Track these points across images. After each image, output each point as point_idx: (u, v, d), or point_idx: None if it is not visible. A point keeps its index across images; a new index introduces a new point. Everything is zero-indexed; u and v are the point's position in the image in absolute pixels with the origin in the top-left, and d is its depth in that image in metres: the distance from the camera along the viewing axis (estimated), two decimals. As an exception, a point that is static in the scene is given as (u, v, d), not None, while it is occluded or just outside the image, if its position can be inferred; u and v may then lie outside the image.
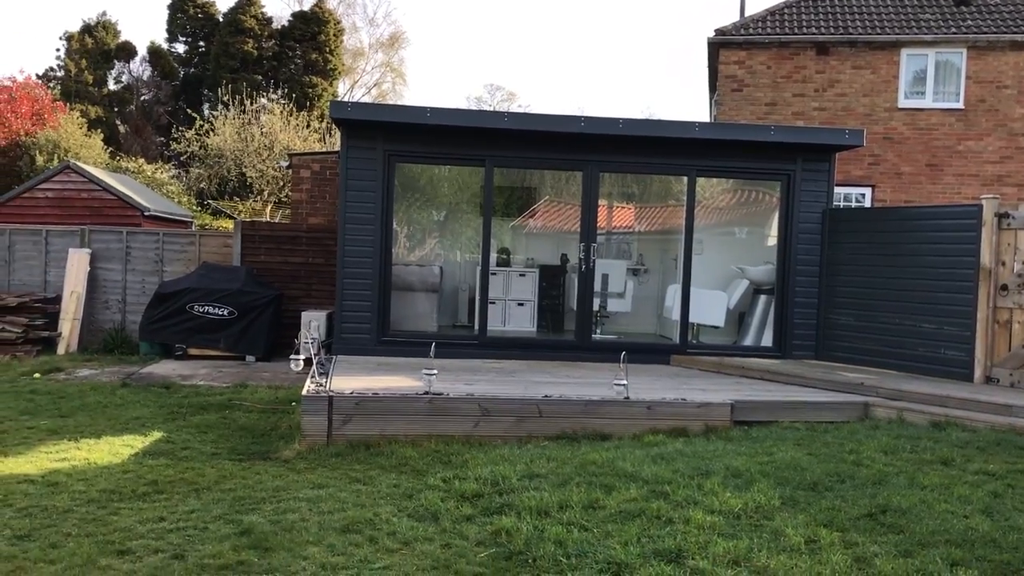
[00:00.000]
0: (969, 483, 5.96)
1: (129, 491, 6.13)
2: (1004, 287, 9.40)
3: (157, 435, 7.98)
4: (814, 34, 18.39)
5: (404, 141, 10.84)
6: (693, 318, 11.50)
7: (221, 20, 38.20)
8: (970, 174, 18.00)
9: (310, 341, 9.14)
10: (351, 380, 8.57)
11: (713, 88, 22.58)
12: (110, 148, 30.02)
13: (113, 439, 7.77)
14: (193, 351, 12.64)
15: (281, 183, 28.74)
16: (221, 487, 6.26)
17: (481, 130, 10.92)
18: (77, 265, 13.45)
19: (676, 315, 11.55)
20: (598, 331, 11.76)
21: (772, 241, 12.48)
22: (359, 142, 10.78)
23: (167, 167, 29.92)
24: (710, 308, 11.78)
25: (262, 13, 38.28)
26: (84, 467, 6.80)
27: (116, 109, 37.41)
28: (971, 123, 18.01)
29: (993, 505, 5.47)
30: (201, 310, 12.56)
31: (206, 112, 33.86)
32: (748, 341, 11.85)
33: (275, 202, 29.34)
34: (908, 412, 8.29)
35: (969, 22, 18.27)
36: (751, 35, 18.58)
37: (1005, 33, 17.80)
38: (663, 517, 5.37)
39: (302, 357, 8.87)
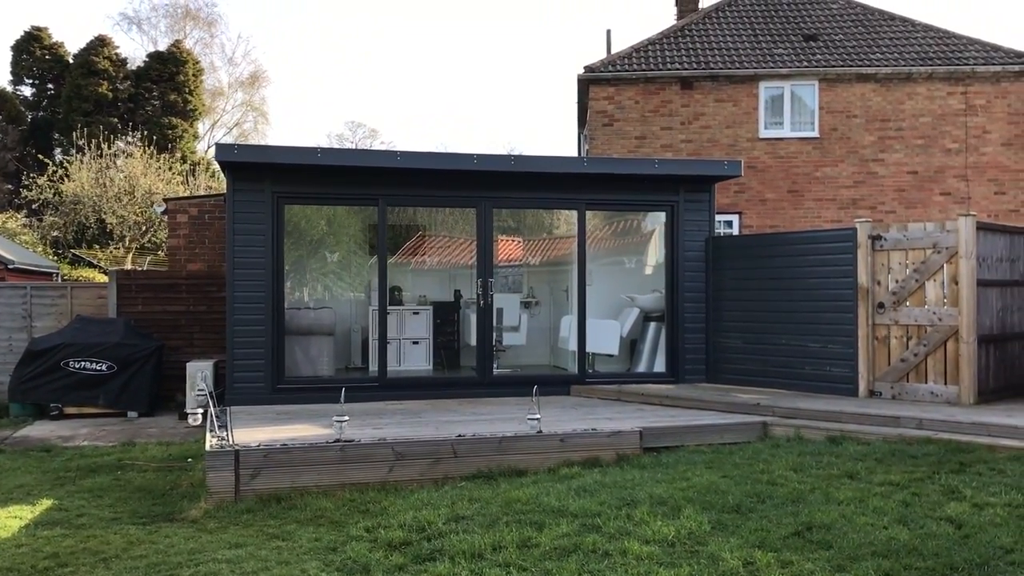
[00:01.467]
0: (879, 495, 6.24)
1: (28, 567, 5.67)
2: (881, 305, 9.96)
3: (47, 503, 7.44)
4: (678, 69, 19.17)
5: (293, 182, 10.62)
6: (589, 348, 11.67)
7: (72, 61, 36.55)
8: (828, 199, 19.08)
9: (206, 393, 8.76)
10: (254, 432, 8.27)
11: (583, 123, 23.18)
12: (-47, 198, 28.20)
13: (-3, 511, 7.20)
14: (70, 410, 11.91)
15: (144, 228, 27.66)
16: (130, 554, 5.88)
17: (373, 169, 10.82)
18: (-67, 325, 12.51)
19: (572, 345, 11.70)
20: (495, 365, 11.77)
21: (652, 270, 12.86)
22: (246, 184, 10.49)
23: (18, 216, 28.28)
24: (604, 337, 11.99)
25: (116, 54, 36.85)
26: (-30, 544, 6.27)
27: (-43, 156, 35.15)
28: (826, 151, 19.12)
29: (906, 514, 5.75)
30: (77, 366, 11.87)
31: (59, 157, 32.25)
32: (642, 368, 12.11)
33: (137, 248, 28.19)
34: (805, 429, 8.63)
35: (819, 56, 19.45)
36: (619, 71, 19.20)
37: (851, 66, 19.04)
38: (599, 550, 5.38)
39: (200, 411, 8.49)
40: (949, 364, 9.49)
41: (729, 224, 18.96)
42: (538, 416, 8.11)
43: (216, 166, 27.29)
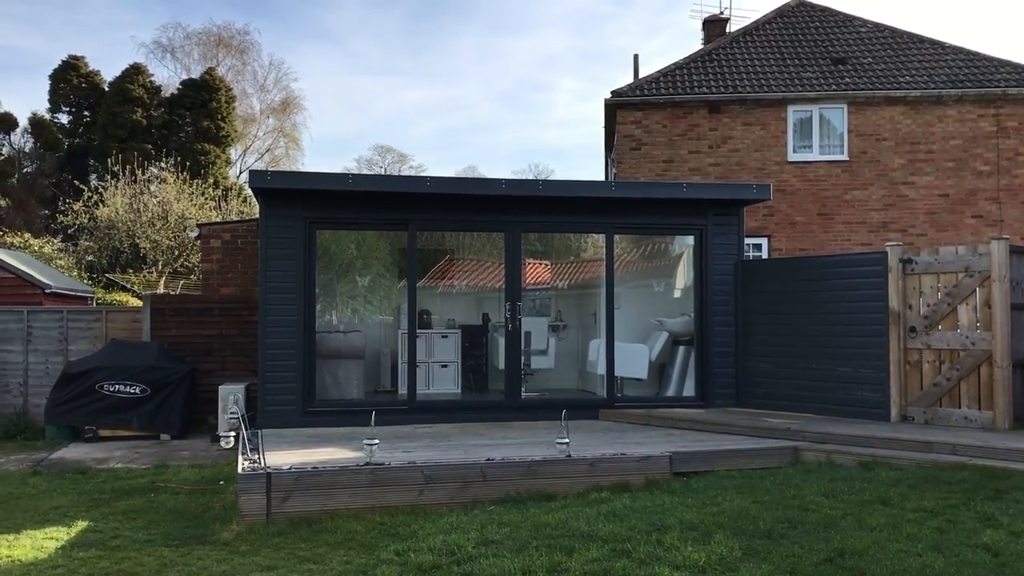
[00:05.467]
0: (912, 521, 6.17)
1: (64, 588, 5.77)
2: (913, 329, 9.88)
3: (82, 524, 7.55)
4: (706, 93, 19.20)
5: (325, 208, 10.75)
6: (617, 372, 11.65)
7: (107, 89, 37.28)
8: (857, 221, 18.96)
9: (238, 416, 8.86)
10: (286, 455, 8.33)
11: (610, 147, 23.25)
12: (-9, 224, 28.75)
13: (34, 532, 7.30)
14: (104, 432, 12.08)
15: (176, 253, 28.01)
16: (164, 576, 5.96)
17: (404, 195, 10.93)
18: (-28, 348, 12.74)
19: (601, 369, 11.69)
20: (524, 389, 11.77)
21: (681, 293, 12.82)
22: (278, 210, 10.63)
23: (54, 241, 28.76)
24: (633, 361, 11.97)
25: (150, 82, 37.56)
26: (8, 566, 6.36)
27: (-4, 182, 35.87)
28: (855, 174, 19.02)
29: (941, 541, 5.68)
30: (112, 389, 12.05)
31: (94, 183, 32.79)
32: (670, 392, 12.06)
33: (171, 272, 28.53)
34: (836, 454, 8.55)
35: (847, 79, 19.40)
36: (646, 96, 19.26)
37: (880, 89, 18.97)
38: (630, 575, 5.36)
39: (232, 434, 8.58)
40: (983, 389, 9.38)
41: (758, 247, 18.89)
42: (567, 440, 8.11)
43: (248, 191, 27.67)
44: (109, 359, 12.32)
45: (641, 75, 22.49)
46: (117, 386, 12.08)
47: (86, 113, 38.49)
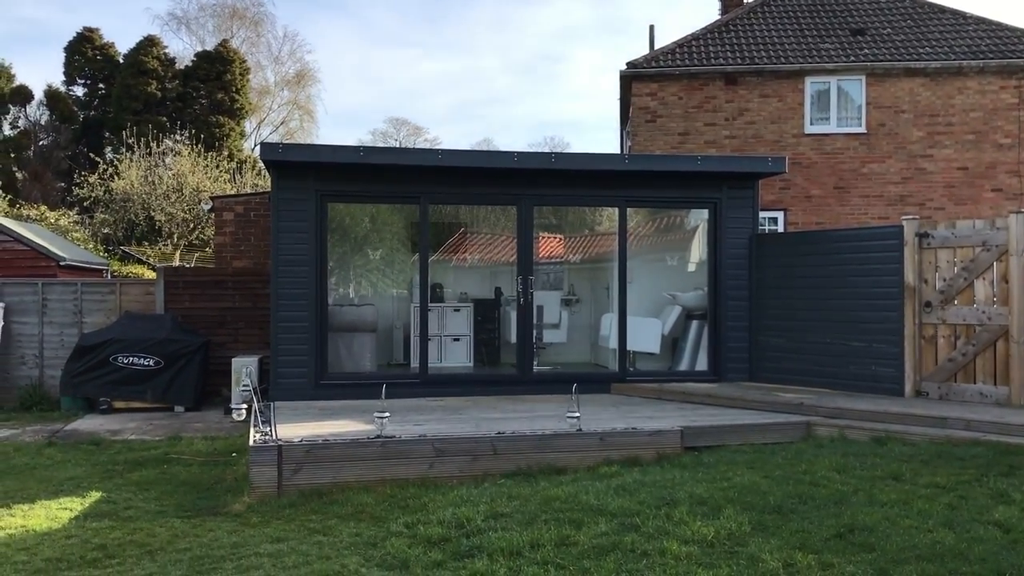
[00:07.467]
0: (924, 497, 6.13)
1: (77, 558, 5.80)
2: (928, 304, 9.78)
3: (96, 495, 7.61)
4: (722, 65, 18.98)
5: (337, 181, 10.72)
6: (630, 346, 11.61)
7: (122, 61, 37.27)
8: (875, 195, 18.77)
9: (250, 389, 8.89)
10: (297, 427, 8.36)
11: (624, 119, 23.07)
12: (8, 196, 28.88)
13: (49, 503, 7.37)
14: (118, 404, 12.16)
15: (192, 226, 28.10)
16: (175, 547, 6.00)
17: (415, 167, 10.88)
18: (-12, 320, 12.83)
19: (613, 343, 11.65)
20: (536, 363, 11.76)
21: (695, 267, 12.74)
22: (290, 183, 10.60)
23: (70, 213, 28.90)
24: (645, 335, 11.92)
25: (165, 54, 37.51)
26: (22, 535, 6.42)
27: (12, 155, 36.01)
28: (873, 146, 18.80)
29: (952, 517, 5.64)
30: (126, 361, 12.12)
31: (109, 155, 32.87)
32: (683, 366, 12.02)
33: (185, 245, 28.65)
34: (849, 429, 8.51)
35: (866, 50, 19.13)
36: (662, 67, 19.06)
37: (899, 61, 18.69)
38: (638, 550, 5.35)
39: (244, 406, 8.62)
40: (999, 364, 9.29)
41: (774, 221, 18.74)
42: (578, 414, 8.10)
43: (262, 164, 27.75)
44: (123, 331, 12.39)
45: (657, 46, 22.24)
46: (131, 358, 12.15)
47: (101, 85, 38.51)
